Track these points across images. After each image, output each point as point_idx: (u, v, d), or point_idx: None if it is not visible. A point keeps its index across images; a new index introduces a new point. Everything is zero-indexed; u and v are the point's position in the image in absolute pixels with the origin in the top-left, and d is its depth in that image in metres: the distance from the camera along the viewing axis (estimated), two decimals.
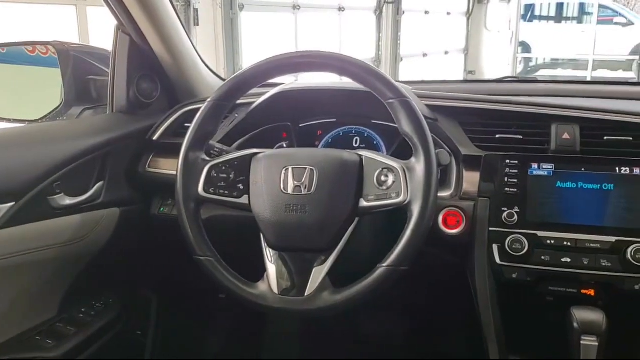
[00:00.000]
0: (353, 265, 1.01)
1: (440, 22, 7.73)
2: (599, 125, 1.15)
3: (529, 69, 10.85)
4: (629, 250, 1.00)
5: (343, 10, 5.91)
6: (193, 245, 1.03)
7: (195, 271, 1.04)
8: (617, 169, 1.07)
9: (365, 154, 1.02)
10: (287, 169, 1.01)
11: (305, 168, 1.01)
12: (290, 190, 1.00)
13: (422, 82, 1.61)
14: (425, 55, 7.44)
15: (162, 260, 1.54)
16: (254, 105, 1.29)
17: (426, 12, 7.38)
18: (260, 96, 1.28)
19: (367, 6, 6.51)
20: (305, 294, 0.99)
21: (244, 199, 1.04)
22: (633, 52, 9.89)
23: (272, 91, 1.27)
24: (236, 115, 1.32)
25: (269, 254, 1.04)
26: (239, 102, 1.24)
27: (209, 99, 1.07)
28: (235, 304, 1.06)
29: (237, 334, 1.81)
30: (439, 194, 1.14)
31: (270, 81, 1.10)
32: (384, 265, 0.96)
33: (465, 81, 1.65)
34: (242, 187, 1.04)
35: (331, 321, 1.67)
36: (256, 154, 1.06)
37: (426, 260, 1.16)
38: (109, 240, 1.32)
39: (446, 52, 8.03)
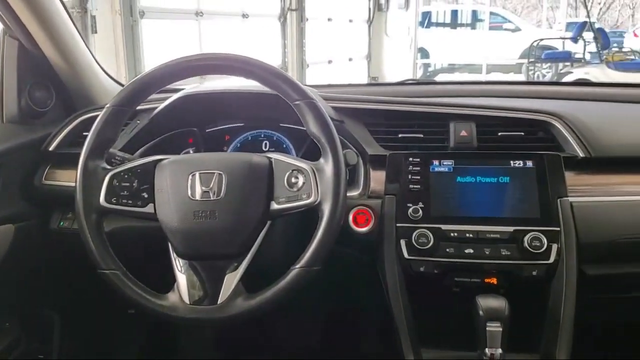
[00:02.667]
0: (267, 269, 1.01)
1: (343, 29, 7.89)
2: (493, 122, 1.22)
3: (428, 73, 11.33)
4: (526, 238, 1.06)
5: (247, 17, 5.88)
6: (97, 259, 0.98)
7: (100, 286, 0.99)
8: (511, 162, 1.14)
9: (275, 156, 1.02)
10: (194, 174, 0.99)
11: (213, 173, 0.99)
12: (198, 197, 0.98)
13: (329, 85, 1.64)
14: (330, 61, 7.57)
15: (64, 277, 1.45)
16: (156, 111, 1.25)
17: (329, 20, 7.50)
18: (164, 101, 1.25)
19: (271, 13, 6.52)
20: (218, 302, 0.97)
21: (149, 208, 1.00)
22: (522, 56, 10.59)
23: (175, 95, 1.23)
24: (138, 121, 1.27)
25: (178, 264, 1.01)
26: (140, 107, 1.20)
27: (107, 105, 1.02)
28: (146, 318, 1.02)
29: (150, 349, 1.75)
30: (349, 194, 1.16)
31: (176, 86, 1.07)
32: (297, 266, 0.96)
33: (370, 84, 1.69)
34: (146, 196, 1.00)
35: (247, 327, 1.65)
36: (160, 160, 1.03)
37: (339, 259, 1.18)
38: (3, 259, 1.23)
39: (350, 59, 8.20)
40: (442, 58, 11.54)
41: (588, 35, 8.40)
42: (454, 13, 12.35)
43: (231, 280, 0.98)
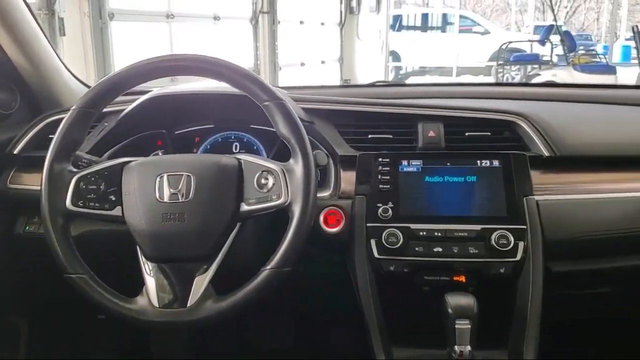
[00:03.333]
0: (238, 270, 1.00)
1: (315, 32, 7.92)
2: (460, 123, 1.24)
3: (399, 76, 11.43)
4: (493, 236, 1.08)
5: (218, 20, 5.86)
6: (63, 263, 0.96)
7: (68, 292, 0.97)
8: (478, 162, 1.15)
9: (244, 157, 1.02)
10: (162, 176, 0.98)
11: (182, 174, 0.98)
12: (166, 199, 0.97)
13: (302, 87, 1.65)
14: (303, 64, 7.58)
15: (30, 283, 1.42)
16: (124, 113, 1.24)
17: (301, 22, 7.53)
18: (132, 103, 1.23)
19: (242, 15, 6.51)
20: (188, 305, 0.96)
21: (116, 211, 0.99)
22: (491, 59, 10.77)
23: (143, 97, 1.22)
24: (105, 124, 1.26)
25: (147, 267, 1.00)
26: (108, 109, 1.19)
27: (73, 107, 1.01)
28: (116, 324, 1.01)
29: (121, 355, 1.72)
30: (319, 194, 1.17)
31: (145, 87, 1.06)
32: (268, 267, 0.96)
33: (341, 86, 1.71)
34: (114, 199, 0.99)
35: (220, 330, 1.64)
36: (127, 162, 1.02)
37: (310, 260, 1.18)
38: None
39: (323, 62, 8.23)
40: (413, 61, 11.66)
41: (555, 38, 8.58)
42: (425, 16, 12.51)
43: (201, 283, 0.97)
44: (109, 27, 4.47)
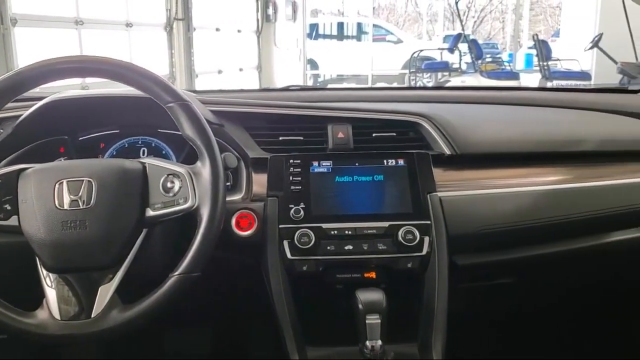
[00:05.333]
0: (147, 278, 0.98)
1: (232, 40, 7.89)
2: (368, 124, 1.28)
3: (318, 84, 11.58)
4: (400, 232, 1.11)
5: (131, 27, 5.71)
6: None
7: None
8: (385, 161, 1.19)
9: (149, 161, 1.00)
10: (62, 182, 0.94)
11: (82, 180, 0.95)
12: (66, 206, 0.93)
13: (216, 91, 1.64)
14: (220, 71, 7.52)
15: None
16: (20, 119, 1.17)
17: (217, 30, 7.47)
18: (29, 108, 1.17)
19: (156, 22, 6.37)
20: (92, 316, 0.93)
21: (12, 221, 0.94)
22: (404, 67, 11.13)
23: (41, 102, 1.16)
24: (1, 130, 1.19)
25: (48, 279, 0.95)
26: (3, 115, 1.12)
27: None
28: (18, 342, 0.95)
29: None
30: (231, 198, 1.16)
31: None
32: (176, 273, 0.94)
33: (255, 90, 1.71)
34: (9, 208, 0.94)
35: (134, 342, 1.58)
36: (24, 169, 0.97)
37: (223, 265, 1.17)
38: None
39: (241, 69, 8.20)
40: (330, 69, 11.85)
41: (464, 47, 9.01)
42: (340, 25, 12.76)
43: (105, 292, 0.94)
44: (12, 33, 4.24)
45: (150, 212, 0.96)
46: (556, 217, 1.23)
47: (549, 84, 7.30)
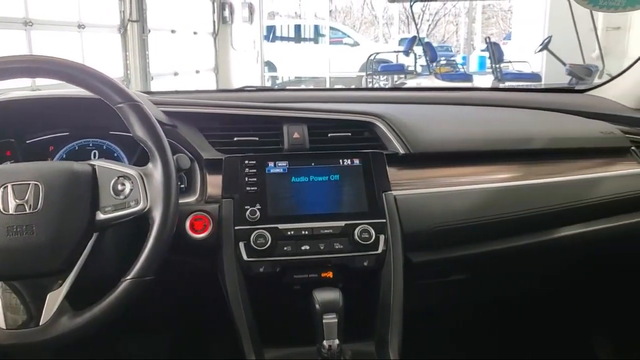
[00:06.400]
0: (99, 283, 0.95)
1: (188, 42, 7.78)
2: (323, 124, 1.28)
3: (276, 86, 11.57)
4: (356, 231, 1.12)
5: (83, 28, 5.56)
6: None
7: None
8: (341, 161, 1.20)
9: (98, 163, 0.97)
10: (6, 186, 0.91)
11: (29, 184, 0.91)
12: (11, 210, 0.90)
13: (171, 92, 1.61)
14: (176, 74, 7.42)
15: None
16: None
17: (173, 32, 7.36)
18: None
19: (110, 24, 6.23)
20: (41, 324, 0.90)
21: None
22: (361, 69, 11.23)
23: None
24: None
25: None
26: None
27: None
28: None
29: None
30: (185, 200, 1.15)
31: None
32: (128, 278, 0.92)
33: (211, 91, 1.70)
34: None
35: (91, 350, 1.54)
36: None
37: (178, 268, 1.15)
38: None
39: (197, 71, 8.10)
40: (288, 71, 11.85)
41: (419, 50, 9.16)
42: (297, 28, 12.77)
43: (54, 299, 0.91)
44: None
45: (100, 216, 0.94)
46: (507, 213, 1.26)
47: (500, 85, 7.49)
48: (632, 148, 1.41)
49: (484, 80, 9.20)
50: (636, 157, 1.40)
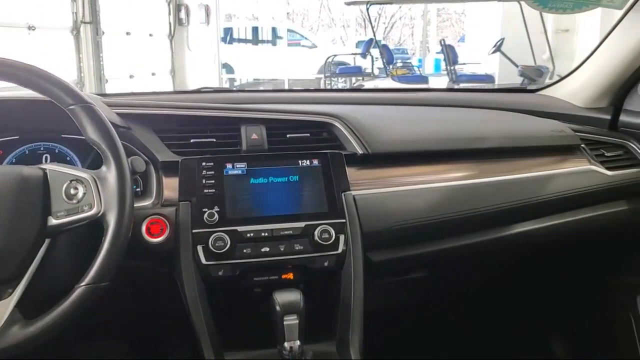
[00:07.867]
0: (52, 290, 0.92)
1: (143, 44, 7.65)
2: (282, 125, 1.28)
3: (234, 88, 11.49)
4: (316, 232, 1.12)
5: (34, 29, 5.39)
6: None
7: None
8: (300, 162, 1.19)
9: (49, 167, 0.94)
10: None
11: None
12: None
13: (126, 94, 1.58)
14: (132, 76, 7.28)
15: None
16: None
17: (128, 33, 7.23)
18: None
19: (62, 25, 6.06)
20: None
21: None
22: (320, 71, 11.27)
23: None
24: None
25: None
26: None
27: None
28: None
29: None
30: (141, 203, 1.12)
31: None
32: (82, 284, 0.89)
33: (167, 92, 1.66)
34: None
35: (41, 357, 1.49)
36: None
37: (135, 273, 1.12)
38: None
39: (153, 74, 7.97)
40: (246, 73, 11.78)
41: (376, 52, 9.25)
42: (255, 30, 12.72)
43: (4, 308, 0.88)
44: None
45: (52, 221, 0.91)
46: (464, 211, 1.28)
47: (455, 87, 7.63)
48: (582, 146, 1.46)
49: (440, 82, 9.36)
50: (586, 155, 1.45)
